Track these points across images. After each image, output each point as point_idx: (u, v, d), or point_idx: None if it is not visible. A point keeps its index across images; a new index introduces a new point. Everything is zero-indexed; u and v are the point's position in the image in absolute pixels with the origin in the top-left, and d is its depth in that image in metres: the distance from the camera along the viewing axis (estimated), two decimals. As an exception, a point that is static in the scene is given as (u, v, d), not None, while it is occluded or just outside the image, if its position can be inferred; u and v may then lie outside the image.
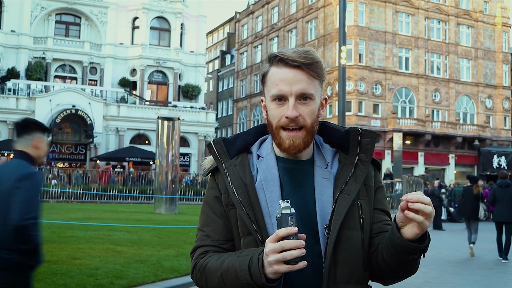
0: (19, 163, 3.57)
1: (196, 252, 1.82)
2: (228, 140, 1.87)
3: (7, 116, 37.21)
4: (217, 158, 1.85)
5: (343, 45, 19.07)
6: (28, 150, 3.62)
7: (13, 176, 3.43)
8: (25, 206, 3.33)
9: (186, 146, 41.87)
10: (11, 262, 3.34)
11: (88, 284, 7.42)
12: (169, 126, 22.11)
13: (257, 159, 1.84)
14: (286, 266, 1.53)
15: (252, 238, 1.72)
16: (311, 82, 1.74)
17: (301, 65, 1.72)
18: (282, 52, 1.74)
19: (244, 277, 1.61)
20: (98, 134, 39.05)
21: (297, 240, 1.52)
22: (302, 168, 1.81)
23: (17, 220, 3.26)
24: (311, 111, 1.75)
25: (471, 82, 49.64)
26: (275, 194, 1.75)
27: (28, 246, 3.38)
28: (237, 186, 1.77)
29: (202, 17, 47.79)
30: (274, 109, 1.75)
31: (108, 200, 29.44)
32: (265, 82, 1.80)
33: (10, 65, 40.46)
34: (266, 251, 1.55)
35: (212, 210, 1.84)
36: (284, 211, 1.54)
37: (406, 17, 47.17)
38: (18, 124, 3.73)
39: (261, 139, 1.91)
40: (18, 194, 3.34)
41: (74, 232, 13.07)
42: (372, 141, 1.82)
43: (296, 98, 1.72)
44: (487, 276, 10.66)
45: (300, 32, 50.90)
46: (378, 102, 45.09)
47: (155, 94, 45.79)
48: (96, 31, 44.35)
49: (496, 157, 48.46)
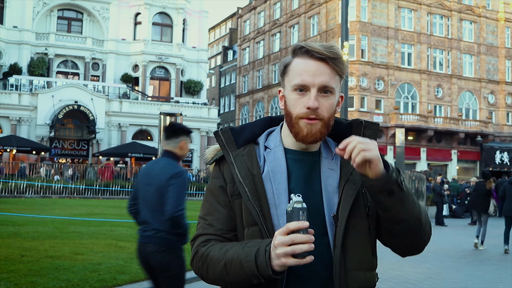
0: (168, 162, 4.47)
1: (197, 240, 1.81)
2: (235, 129, 1.87)
3: (10, 112, 37.25)
4: (224, 147, 1.84)
5: (346, 41, 18.99)
6: (175, 150, 4.51)
7: (164, 174, 4.34)
8: (176, 200, 4.26)
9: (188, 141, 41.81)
10: (170, 241, 4.36)
11: (90, 279, 7.44)
12: (171, 121, 22.10)
13: (265, 150, 1.84)
14: (294, 259, 1.53)
15: (257, 228, 1.72)
16: (333, 76, 1.76)
17: (326, 58, 1.73)
18: (308, 44, 1.75)
19: (249, 268, 1.61)
20: (101, 130, 39.09)
21: (307, 234, 1.53)
22: (310, 160, 1.81)
23: (171, 211, 4.22)
24: (330, 104, 1.76)
25: (473, 78, 49.55)
26: (282, 185, 1.75)
27: (180, 230, 4.34)
28: (244, 176, 1.76)
29: (204, 12, 47.74)
30: (295, 99, 1.75)
31: (111, 195, 29.50)
32: (286, 72, 1.80)
33: (12, 61, 40.49)
34: (275, 243, 1.55)
35: (216, 199, 1.83)
36: (296, 205, 1.54)
37: (409, 13, 47.07)
38: (168, 128, 4.76)
39: (268, 130, 1.91)
40: (170, 190, 4.26)
41: (77, 228, 13.11)
42: (374, 132, 1.84)
43: (317, 90, 1.73)
44: (490, 272, 10.65)
45: (302, 27, 50.82)
46: (381, 98, 45.04)
47: (157, 89, 45.78)
48: (98, 27, 44.34)
49: (499, 152, 48.38)
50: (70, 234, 12.00)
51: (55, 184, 28.19)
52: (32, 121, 38.02)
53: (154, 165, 4.63)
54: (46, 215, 15.13)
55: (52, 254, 9.25)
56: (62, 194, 28.30)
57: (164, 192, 4.27)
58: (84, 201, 25.34)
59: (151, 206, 4.40)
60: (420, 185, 23.56)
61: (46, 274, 7.54)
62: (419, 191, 23.37)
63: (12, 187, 27.20)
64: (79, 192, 28.94)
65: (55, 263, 8.36)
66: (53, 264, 8.27)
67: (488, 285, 9.28)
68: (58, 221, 14.37)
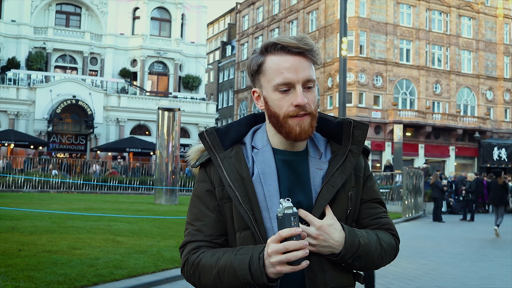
0: None
1: (187, 247, 1.76)
2: (221, 130, 1.80)
3: (8, 106, 37.21)
4: (210, 149, 1.77)
5: (344, 37, 18.99)
6: None
7: None
8: None
9: (187, 137, 41.89)
10: None
11: (88, 274, 7.44)
12: (170, 116, 22.08)
13: (252, 150, 1.79)
14: (289, 267, 1.51)
15: (249, 232, 1.68)
16: (312, 68, 1.72)
17: (304, 51, 1.69)
18: (282, 40, 1.69)
19: (243, 276, 1.58)
20: (99, 125, 39.06)
21: (301, 240, 1.50)
22: (299, 159, 1.77)
23: None
24: (314, 97, 1.72)
25: (472, 74, 49.57)
26: (273, 187, 1.70)
27: None
28: (234, 179, 1.70)
29: (203, 7, 47.66)
30: (279, 99, 1.70)
31: (108, 190, 29.49)
32: (261, 72, 1.73)
33: (10, 55, 40.41)
34: (269, 251, 1.52)
35: (204, 204, 1.77)
36: (287, 211, 1.50)
37: (408, 9, 47.04)
38: None
39: (253, 129, 1.85)
40: None
41: (75, 223, 13.10)
42: (363, 133, 1.80)
43: (302, 85, 1.69)
44: (487, 268, 10.68)
45: (301, 23, 50.77)
46: (379, 94, 45.04)
47: (155, 84, 45.73)
48: (97, 21, 44.23)
49: (497, 149, 48.47)
50: (68, 228, 11.99)
51: (53, 179, 28.15)
52: (30, 115, 37.98)
53: None
54: (44, 210, 15.13)
55: (49, 248, 9.25)
56: (60, 188, 28.28)
57: None
58: (82, 196, 25.32)
59: None
60: (418, 181, 23.58)
61: (44, 269, 7.53)
62: (417, 187, 23.40)
63: (9, 181, 27.19)
64: (77, 186, 28.92)
65: (52, 258, 8.35)
66: (51, 259, 8.27)
67: (485, 281, 9.30)
68: (56, 215, 14.36)
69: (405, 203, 22.00)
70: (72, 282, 6.98)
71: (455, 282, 9.17)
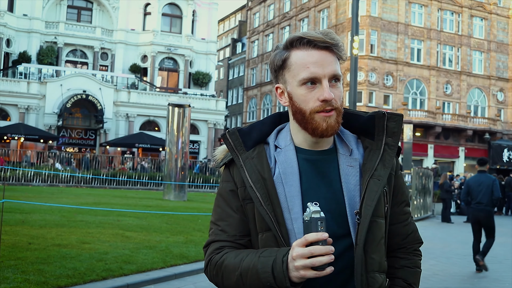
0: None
1: (211, 247, 1.75)
2: (243, 130, 1.78)
3: (18, 100, 37.38)
4: (233, 150, 1.76)
5: (356, 35, 18.94)
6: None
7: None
8: (498, 190, 10.21)
9: (196, 133, 41.95)
10: (490, 212, 10.30)
11: (97, 268, 7.47)
12: (180, 113, 22.08)
13: (275, 150, 1.76)
14: (313, 272, 1.48)
15: (270, 234, 1.66)
16: (338, 63, 1.69)
17: (331, 46, 1.66)
18: (308, 34, 1.67)
19: (266, 279, 1.56)
20: (108, 120, 39.17)
21: (327, 246, 1.47)
22: (325, 158, 1.74)
23: (496, 195, 10.20)
24: (340, 92, 1.69)
25: (483, 75, 49.30)
26: (294, 188, 1.67)
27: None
28: (255, 180, 1.68)
29: (214, 4, 47.66)
30: (305, 94, 1.67)
31: (117, 185, 29.60)
32: (286, 67, 1.71)
33: (21, 49, 40.60)
34: (294, 255, 1.49)
35: (228, 204, 1.76)
36: (314, 215, 1.48)
37: (419, 8, 46.83)
38: (483, 160, 10.68)
39: (277, 128, 1.82)
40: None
41: (84, 217, 13.16)
42: (398, 124, 1.76)
43: (328, 80, 1.66)
44: (497, 270, 10.62)
45: (312, 21, 50.67)
46: (389, 93, 44.91)
47: (165, 80, 45.81)
48: (108, 17, 44.34)
49: (507, 150, 48.18)
50: (77, 223, 12.05)
51: (63, 173, 28.28)
52: (40, 109, 38.13)
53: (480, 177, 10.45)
54: (54, 204, 15.19)
55: (59, 242, 9.29)
56: (69, 183, 28.41)
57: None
58: (91, 191, 25.42)
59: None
60: (427, 182, 23.50)
61: (53, 262, 7.57)
62: (426, 187, 23.32)
63: (19, 174, 27.35)
64: (86, 181, 29.04)
65: (62, 252, 8.40)
66: (60, 252, 8.31)
67: (494, 283, 9.26)
68: (66, 209, 14.43)
69: (414, 204, 21.94)
70: (81, 276, 7.02)
71: (464, 283, 9.14)
